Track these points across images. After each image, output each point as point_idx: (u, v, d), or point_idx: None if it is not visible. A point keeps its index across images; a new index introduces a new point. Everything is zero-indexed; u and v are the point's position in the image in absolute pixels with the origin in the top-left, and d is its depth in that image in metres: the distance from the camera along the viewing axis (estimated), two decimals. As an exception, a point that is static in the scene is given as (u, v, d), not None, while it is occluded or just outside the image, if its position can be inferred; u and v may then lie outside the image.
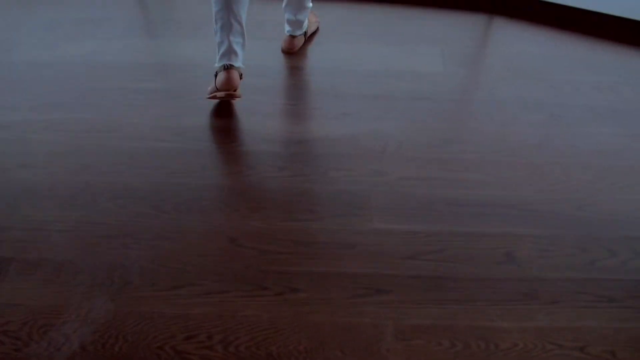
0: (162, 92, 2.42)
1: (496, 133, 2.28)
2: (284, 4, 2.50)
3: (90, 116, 2.29)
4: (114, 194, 1.96)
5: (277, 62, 2.58)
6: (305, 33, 2.60)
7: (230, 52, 2.22)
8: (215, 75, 2.27)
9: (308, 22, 2.61)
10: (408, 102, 2.39)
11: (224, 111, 2.34)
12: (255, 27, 2.73)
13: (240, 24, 2.20)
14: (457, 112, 2.40)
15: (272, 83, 2.50)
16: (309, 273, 1.71)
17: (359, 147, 2.17)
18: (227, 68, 2.23)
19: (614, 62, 2.74)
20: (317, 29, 2.72)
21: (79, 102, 2.36)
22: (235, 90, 2.25)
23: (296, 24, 2.53)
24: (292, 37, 2.57)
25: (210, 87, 2.31)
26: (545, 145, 2.24)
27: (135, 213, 1.89)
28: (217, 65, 2.26)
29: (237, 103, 2.36)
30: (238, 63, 2.25)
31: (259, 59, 2.57)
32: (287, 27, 2.56)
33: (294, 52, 2.58)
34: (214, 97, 2.29)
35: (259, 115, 2.31)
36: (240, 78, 2.28)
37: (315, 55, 2.61)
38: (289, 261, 1.75)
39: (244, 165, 2.09)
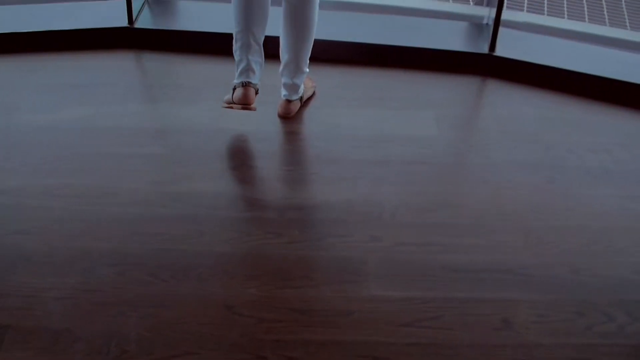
0: (160, 157, 2.44)
1: (491, 197, 2.30)
2: (281, 68, 2.54)
3: (88, 181, 2.30)
4: (111, 260, 1.96)
5: (274, 127, 2.61)
6: (301, 98, 2.64)
7: (248, 69, 2.41)
8: (233, 89, 2.44)
9: (304, 87, 2.66)
10: (403, 167, 2.41)
11: (221, 177, 2.36)
12: (253, 91, 2.77)
13: (259, 44, 2.42)
14: (452, 176, 2.43)
15: (269, 148, 2.53)
16: (306, 342, 1.70)
17: (355, 213, 2.18)
18: (245, 85, 2.41)
19: (607, 124, 2.78)
20: (314, 93, 2.77)
21: (76, 167, 2.38)
22: (250, 104, 2.43)
23: (293, 87, 2.57)
24: (289, 101, 2.61)
25: (227, 98, 2.50)
26: (541, 208, 2.26)
27: (132, 280, 1.89)
28: (236, 81, 2.44)
29: (232, 169, 2.38)
30: (255, 80, 2.43)
31: (255, 124, 2.60)
32: (283, 91, 2.60)
33: (290, 116, 2.62)
34: (230, 107, 2.47)
35: (256, 181, 2.34)
36: (256, 93, 2.46)
37: (312, 120, 2.65)
38: (286, 329, 1.74)
39: (241, 231, 2.10)
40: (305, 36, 2.46)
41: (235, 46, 2.43)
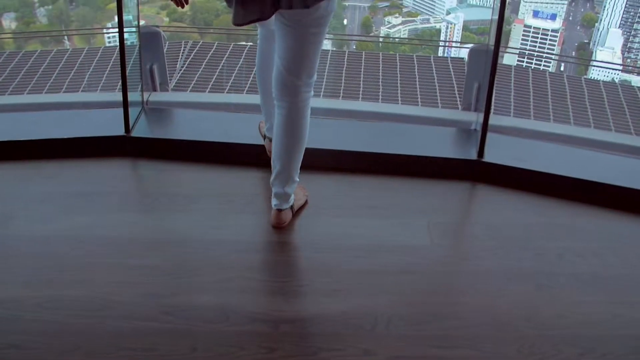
0: (154, 269, 2.45)
1: (484, 306, 2.31)
2: (272, 178, 2.57)
3: (82, 293, 2.31)
4: (103, 379, 1.95)
5: (267, 237, 2.64)
6: (292, 206, 2.67)
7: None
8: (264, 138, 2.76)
9: (296, 196, 2.69)
10: (395, 277, 2.43)
11: (214, 289, 2.37)
12: (246, 202, 2.81)
13: None
14: (445, 286, 2.44)
15: (263, 259, 2.55)
16: None
17: (348, 325, 2.18)
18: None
19: (595, 227, 2.82)
20: (306, 201, 2.81)
21: (71, 278, 2.39)
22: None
23: (284, 197, 2.60)
24: (280, 210, 2.63)
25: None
26: (534, 317, 2.27)
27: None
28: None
29: (226, 281, 2.40)
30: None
31: (248, 235, 2.63)
32: (274, 201, 2.61)
33: (283, 226, 2.65)
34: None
35: (249, 294, 2.34)
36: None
37: (304, 230, 2.68)
38: None
39: (234, 346, 2.09)
40: (296, 144, 2.50)
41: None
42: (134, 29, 3.37)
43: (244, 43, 4.46)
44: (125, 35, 3.14)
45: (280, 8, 2.16)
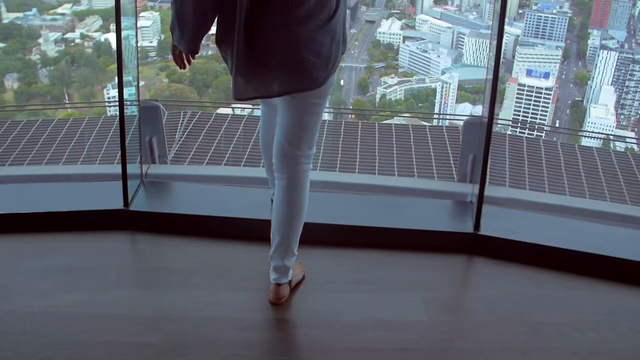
0: (150, 347, 2.45)
1: (482, 385, 2.30)
2: (271, 251, 2.57)
3: (78, 374, 2.30)
4: None
5: (263, 314, 2.63)
6: (290, 282, 2.68)
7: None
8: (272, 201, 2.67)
9: (293, 272, 2.70)
10: (392, 354, 2.42)
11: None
12: (242, 278, 2.82)
13: None
14: (442, 365, 2.43)
15: (261, 337, 2.54)
16: None
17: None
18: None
19: (593, 300, 2.82)
20: (303, 277, 2.81)
21: (68, 357, 2.38)
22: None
23: (284, 270, 2.60)
24: (278, 285, 2.62)
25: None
26: (532, 396, 2.26)
27: None
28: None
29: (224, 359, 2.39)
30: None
31: (244, 311, 2.63)
32: (273, 275, 2.61)
33: (281, 302, 2.65)
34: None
35: (247, 374, 2.34)
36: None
37: (301, 306, 2.68)
38: None
39: None
40: (296, 215, 2.52)
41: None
42: (134, 102, 3.43)
43: (241, 112, 4.53)
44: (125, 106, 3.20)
45: (290, 93, 2.24)
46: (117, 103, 3.10)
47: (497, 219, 3.21)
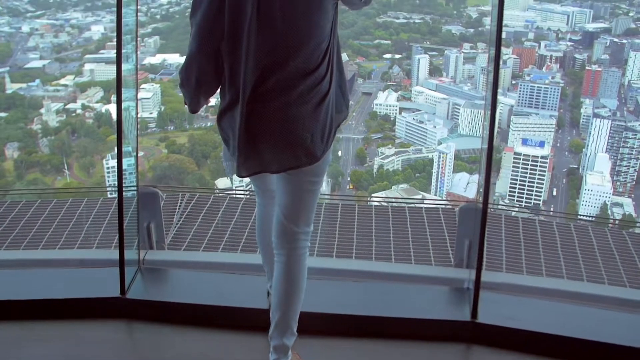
0: None
1: None
2: (270, 330, 2.57)
3: None
4: None
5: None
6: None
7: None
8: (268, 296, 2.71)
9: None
10: None
11: None
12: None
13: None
14: None
15: None
16: None
17: None
18: None
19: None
20: (301, 369, 2.78)
21: None
22: None
23: (283, 349, 2.56)
24: (278, 365, 2.59)
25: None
26: None
27: None
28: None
29: None
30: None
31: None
32: (273, 356, 2.58)
33: (281, 383, 2.61)
34: None
35: None
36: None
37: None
38: None
39: None
40: (295, 292, 2.53)
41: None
42: (133, 189, 3.46)
43: (241, 195, 4.56)
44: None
45: (288, 170, 2.31)
46: (117, 188, 3.14)
47: (495, 306, 3.20)
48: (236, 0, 2.18)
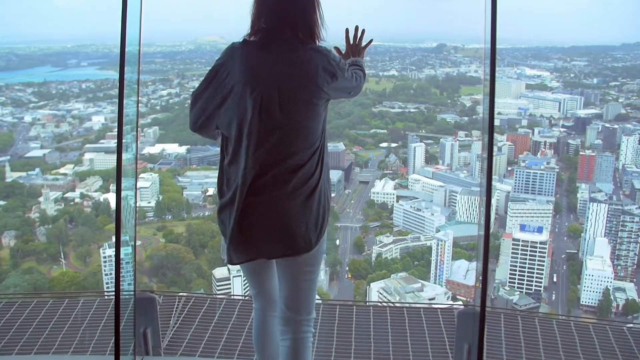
0: None
1: None
2: None
3: None
4: None
5: None
6: None
7: None
8: None
9: None
10: None
11: None
12: None
13: None
14: None
15: None
16: None
17: None
18: None
19: None
20: None
21: None
22: None
23: None
24: None
25: None
26: None
27: None
28: None
29: None
30: None
31: None
32: None
33: None
34: None
35: None
36: None
37: None
38: None
39: None
40: None
41: None
42: (131, 293, 3.44)
43: (239, 297, 4.52)
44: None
45: (282, 257, 2.36)
46: (114, 292, 3.11)
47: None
48: (240, 104, 2.26)
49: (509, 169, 33.78)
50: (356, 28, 2.56)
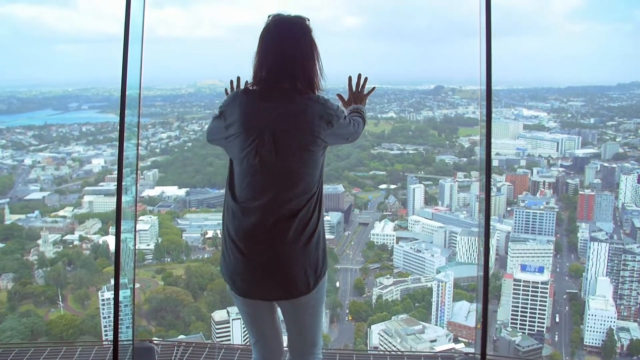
0: None
1: None
2: None
3: None
4: None
5: None
6: None
7: None
8: None
9: None
10: None
11: None
12: None
13: None
14: None
15: None
16: None
17: None
18: None
19: None
20: None
21: None
22: None
23: None
24: None
25: None
26: None
27: None
28: None
29: None
30: None
31: None
32: None
33: None
34: None
35: None
36: None
37: None
38: None
39: None
40: None
41: None
42: (130, 341, 3.38)
43: (238, 344, 4.42)
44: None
45: (284, 299, 2.36)
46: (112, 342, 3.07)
47: None
48: (240, 148, 2.28)
49: (509, 209, 33.73)
50: (359, 76, 2.59)
